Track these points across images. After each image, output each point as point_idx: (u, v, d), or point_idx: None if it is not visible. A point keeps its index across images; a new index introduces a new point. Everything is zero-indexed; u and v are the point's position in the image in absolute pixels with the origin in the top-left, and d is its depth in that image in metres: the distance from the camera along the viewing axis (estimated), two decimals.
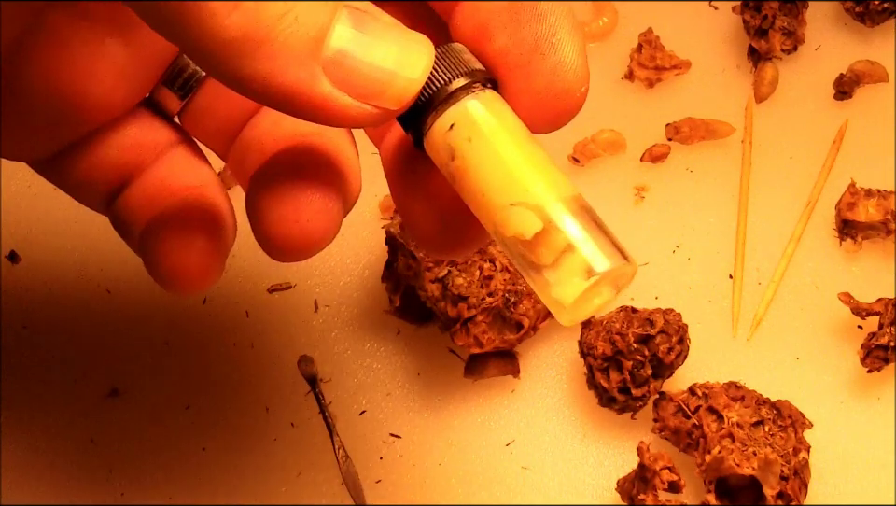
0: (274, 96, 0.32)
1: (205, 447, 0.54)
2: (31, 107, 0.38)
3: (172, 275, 0.39)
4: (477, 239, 0.38)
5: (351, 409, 0.54)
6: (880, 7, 0.59)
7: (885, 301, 0.53)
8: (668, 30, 0.60)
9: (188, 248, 0.39)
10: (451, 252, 0.39)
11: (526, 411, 0.54)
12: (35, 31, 0.37)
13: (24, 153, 0.40)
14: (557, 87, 0.34)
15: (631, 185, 0.58)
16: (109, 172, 0.40)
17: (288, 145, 0.40)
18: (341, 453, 0.53)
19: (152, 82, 0.40)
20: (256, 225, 0.38)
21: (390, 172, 0.40)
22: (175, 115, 0.41)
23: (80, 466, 0.54)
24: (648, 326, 0.51)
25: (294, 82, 0.32)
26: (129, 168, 0.40)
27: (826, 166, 0.58)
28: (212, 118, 0.41)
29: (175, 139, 0.41)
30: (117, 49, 0.38)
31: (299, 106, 0.33)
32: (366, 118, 0.34)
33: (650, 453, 0.49)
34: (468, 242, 0.38)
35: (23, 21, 0.37)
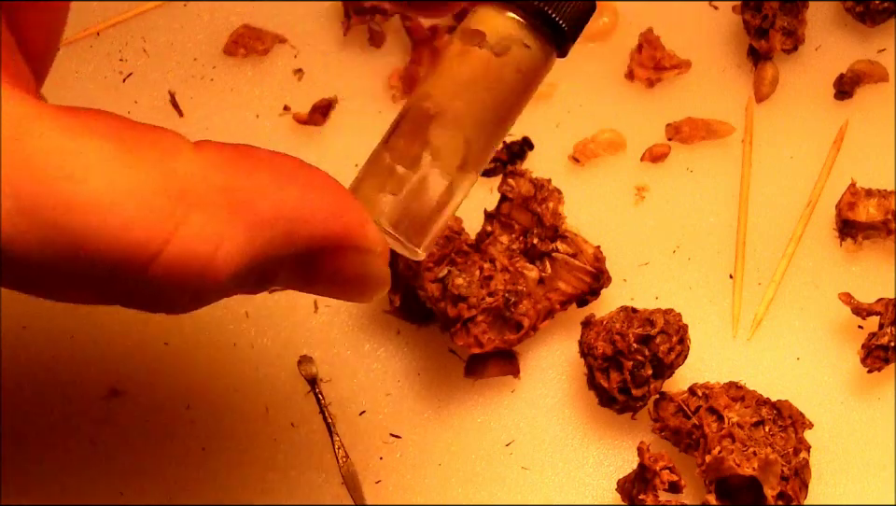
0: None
1: (205, 447, 0.54)
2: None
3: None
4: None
5: (351, 409, 0.54)
6: (880, 7, 0.59)
7: (885, 301, 0.53)
8: (668, 30, 0.60)
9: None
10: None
11: (526, 411, 0.54)
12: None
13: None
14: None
15: (631, 185, 0.58)
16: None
17: None
18: (341, 453, 0.53)
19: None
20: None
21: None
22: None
23: (80, 466, 0.54)
24: (648, 326, 0.51)
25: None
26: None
27: (826, 166, 0.58)
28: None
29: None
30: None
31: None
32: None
33: (650, 453, 0.49)
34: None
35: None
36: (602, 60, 0.60)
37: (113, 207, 0.31)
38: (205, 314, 0.56)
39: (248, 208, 0.34)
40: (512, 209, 0.53)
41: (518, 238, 0.53)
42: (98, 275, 0.32)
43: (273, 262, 0.35)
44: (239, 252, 0.34)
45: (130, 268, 0.32)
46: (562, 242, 0.53)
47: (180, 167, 0.33)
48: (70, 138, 0.32)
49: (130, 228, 0.32)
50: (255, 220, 0.34)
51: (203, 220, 0.33)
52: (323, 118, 0.59)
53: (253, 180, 0.34)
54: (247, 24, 0.61)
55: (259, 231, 0.34)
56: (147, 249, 0.32)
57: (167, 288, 0.33)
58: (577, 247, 0.53)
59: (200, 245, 0.33)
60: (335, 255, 0.36)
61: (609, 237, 0.56)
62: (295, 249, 0.35)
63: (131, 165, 0.32)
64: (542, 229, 0.53)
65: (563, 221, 0.53)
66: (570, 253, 0.53)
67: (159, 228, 0.32)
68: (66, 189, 0.31)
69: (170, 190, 0.32)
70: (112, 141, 0.32)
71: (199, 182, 0.33)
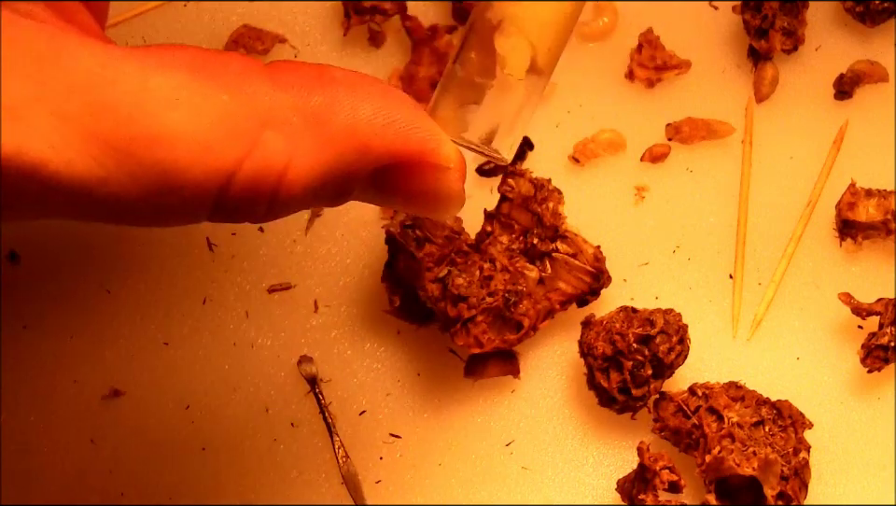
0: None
1: (205, 447, 0.54)
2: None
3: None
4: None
5: (351, 409, 0.54)
6: (880, 7, 0.59)
7: (885, 301, 0.53)
8: (668, 30, 0.60)
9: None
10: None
11: (526, 411, 0.54)
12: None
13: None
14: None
15: (631, 185, 0.58)
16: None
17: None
18: (341, 453, 0.53)
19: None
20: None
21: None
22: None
23: (80, 466, 0.54)
24: (648, 326, 0.51)
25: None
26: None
27: (826, 166, 0.58)
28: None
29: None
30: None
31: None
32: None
33: (650, 453, 0.49)
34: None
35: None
36: (602, 60, 0.60)
37: (191, 134, 0.33)
38: (205, 314, 0.56)
39: (320, 123, 0.35)
40: (512, 209, 0.53)
41: (518, 238, 0.53)
42: (185, 200, 0.34)
43: (348, 176, 0.36)
44: (311, 166, 0.35)
45: (212, 188, 0.34)
46: (562, 242, 0.53)
47: (254, 89, 0.34)
48: (145, 77, 0.33)
49: (208, 152, 0.33)
50: (327, 135, 0.35)
51: (275, 138, 0.34)
52: None
53: (327, 98, 0.35)
54: (247, 24, 0.61)
55: (332, 146, 0.35)
56: (224, 171, 0.34)
57: (245, 204, 0.35)
58: (577, 247, 0.53)
59: (272, 161, 0.34)
60: (410, 170, 0.37)
61: (608, 237, 0.56)
62: (369, 164, 0.36)
63: (204, 93, 0.33)
64: (542, 229, 0.53)
65: (563, 221, 0.53)
66: (570, 253, 0.53)
67: (235, 149, 0.34)
68: (146, 125, 0.33)
69: (244, 112, 0.34)
70: (183, 72, 0.33)
71: (271, 101, 0.35)
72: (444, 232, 0.52)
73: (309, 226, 0.58)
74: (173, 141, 0.33)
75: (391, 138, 0.36)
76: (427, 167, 0.38)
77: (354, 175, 0.37)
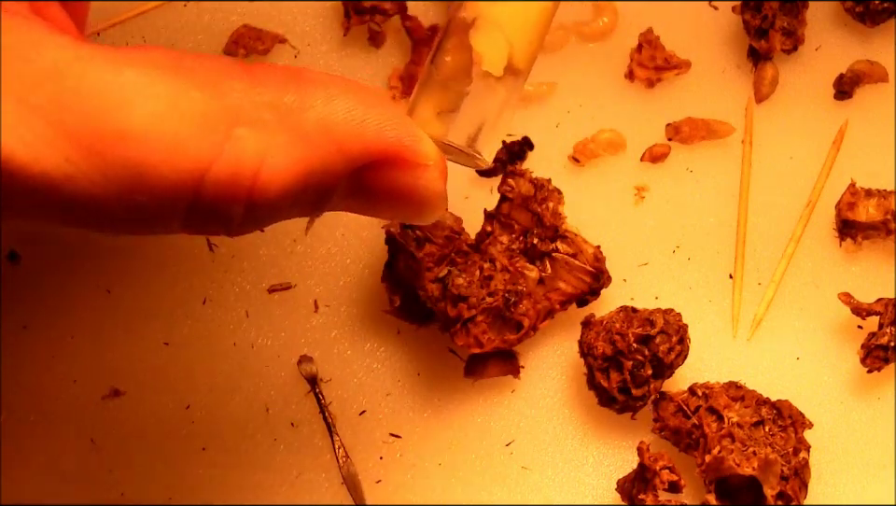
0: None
1: (205, 447, 0.54)
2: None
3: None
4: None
5: (351, 409, 0.54)
6: (880, 7, 0.59)
7: (885, 301, 0.53)
8: (668, 30, 0.60)
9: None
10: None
11: (526, 411, 0.54)
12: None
13: None
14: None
15: (631, 185, 0.58)
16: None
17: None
18: (341, 453, 0.53)
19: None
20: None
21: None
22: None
23: (80, 466, 0.54)
24: (648, 326, 0.51)
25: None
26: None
27: (826, 166, 0.58)
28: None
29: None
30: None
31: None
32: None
33: (650, 453, 0.50)
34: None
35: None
36: (602, 60, 0.60)
37: (160, 131, 0.32)
38: (205, 314, 0.56)
39: (294, 121, 0.34)
40: (512, 209, 0.53)
41: (518, 238, 0.53)
42: (155, 202, 0.33)
43: (326, 178, 0.35)
44: (286, 165, 0.34)
45: (182, 188, 0.33)
46: (562, 242, 0.53)
47: (227, 87, 0.34)
48: (115, 71, 0.32)
49: (179, 148, 0.32)
50: (301, 133, 0.34)
51: (248, 135, 0.33)
52: None
53: (300, 95, 0.35)
54: (247, 24, 0.61)
55: (306, 144, 0.35)
56: (195, 168, 0.33)
57: (219, 208, 0.34)
58: (577, 247, 0.53)
59: (246, 159, 0.33)
60: (389, 171, 0.36)
61: (609, 237, 0.56)
62: (346, 164, 0.36)
63: (174, 89, 0.33)
64: (542, 229, 0.53)
65: (563, 221, 0.53)
66: (570, 253, 0.53)
67: (206, 145, 0.33)
68: (114, 120, 0.32)
69: (216, 110, 0.33)
70: (158, 69, 0.33)
71: (245, 100, 0.34)
72: (444, 232, 0.52)
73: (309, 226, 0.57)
74: (141, 137, 0.32)
75: (367, 136, 0.36)
76: (406, 166, 0.37)
77: (331, 177, 0.36)
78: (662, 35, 0.60)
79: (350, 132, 0.35)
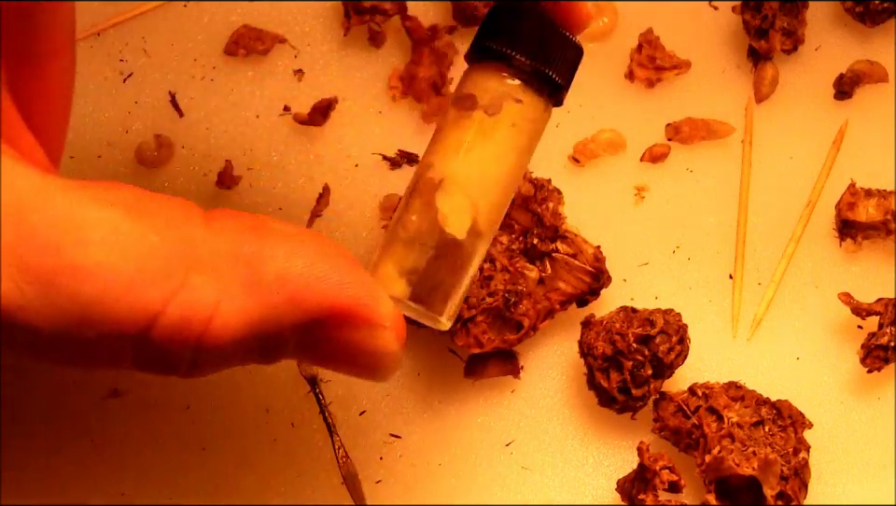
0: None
1: (205, 447, 0.54)
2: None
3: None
4: None
5: (351, 409, 0.54)
6: (880, 7, 0.59)
7: (885, 301, 0.53)
8: (668, 30, 0.60)
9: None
10: None
11: (526, 411, 0.54)
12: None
13: None
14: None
15: (631, 185, 0.58)
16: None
17: None
18: (341, 453, 0.53)
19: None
20: None
21: None
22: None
23: (80, 466, 0.54)
24: (648, 326, 0.51)
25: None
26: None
27: (826, 166, 0.58)
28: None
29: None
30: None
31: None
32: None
33: (650, 453, 0.50)
34: None
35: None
36: (602, 60, 0.60)
37: (116, 271, 0.32)
38: None
39: (251, 272, 0.34)
40: (512, 209, 0.53)
41: (518, 238, 0.53)
42: (104, 340, 0.33)
43: (278, 330, 0.35)
44: (239, 315, 0.34)
45: (133, 330, 0.33)
46: (562, 242, 0.53)
47: (186, 233, 0.34)
48: (76, 207, 0.32)
49: (131, 290, 0.32)
50: (256, 284, 0.34)
51: (203, 283, 0.33)
52: (323, 118, 0.59)
53: (259, 247, 0.35)
54: (247, 24, 0.61)
55: (261, 296, 0.34)
56: (147, 311, 0.33)
57: (168, 351, 0.34)
58: (577, 247, 0.53)
59: (198, 306, 0.33)
60: (344, 328, 0.36)
61: (609, 237, 0.56)
62: (299, 318, 0.35)
63: (136, 232, 0.33)
64: (542, 229, 0.53)
65: (563, 221, 0.53)
66: (570, 253, 0.53)
67: (159, 290, 0.33)
68: (71, 256, 0.32)
69: (173, 255, 0.33)
70: (120, 209, 0.33)
71: (203, 247, 0.34)
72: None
73: (309, 226, 0.58)
74: (95, 275, 0.32)
75: (323, 292, 0.35)
76: (362, 324, 0.36)
77: (284, 329, 0.35)
78: (662, 35, 0.60)
79: (307, 286, 0.35)
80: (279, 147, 0.59)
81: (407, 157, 0.59)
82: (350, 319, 0.36)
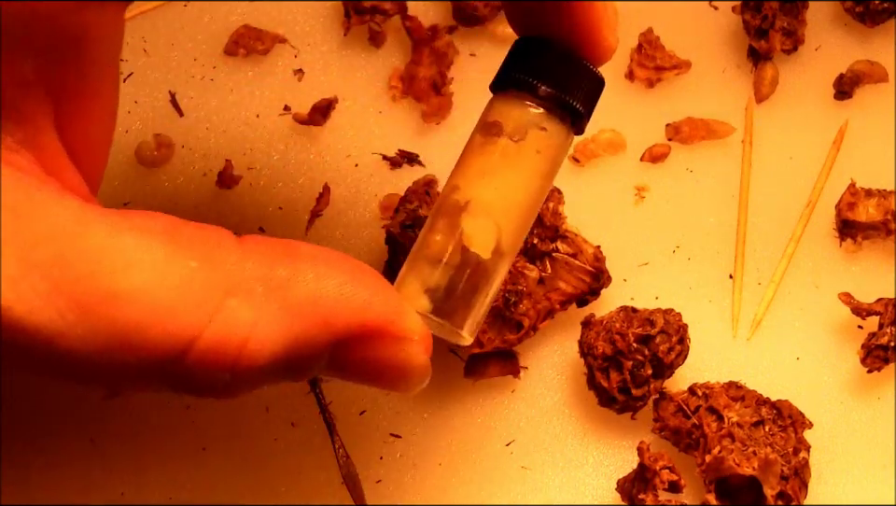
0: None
1: (205, 447, 0.54)
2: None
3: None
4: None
5: (351, 409, 0.54)
6: (880, 7, 0.59)
7: (885, 301, 0.53)
8: (668, 30, 0.60)
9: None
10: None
11: (526, 411, 0.54)
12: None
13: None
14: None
15: (631, 185, 0.58)
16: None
17: None
18: (341, 453, 0.53)
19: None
20: None
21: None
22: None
23: (80, 466, 0.54)
24: (648, 326, 0.51)
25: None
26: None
27: (826, 166, 0.58)
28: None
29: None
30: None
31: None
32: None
33: (650, 453, 0.50)
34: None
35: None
36: None
37: (154, 297, 0.33)
38: None
39: (284, 295, 0.35)
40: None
41: None
42: (143, 363, 0.34)
43: (311, 350, 0.36)
44: (273, 338, 0.35)
45: (170, 354, 0.34)
46: (562, 242, 0.53)
47: (221, 257, 0.35)
48: (115, 236, 0.33)
49: (169, 316, 0.33)
50: (290, 306, 0.35)
51: (238, 306, 0.34)
52: (323, 118, 0.59)
53: (291, 270, 0.36)
54: (247, 24, 0.61)
55: (294, 318, 0.35)
56: (184, 336, 0.34)
57: (205, 373, 0.35)
58: (577, 247, 0.53)
59: (234, 329, 0.34)
60: (373, 344, 0.37)
61: (609, 237, 0.56)
62: (332, 337, 0.36)
63: (173, 259, 0.34)
64: (542, 229, 0.53)
65: (563, 221, 0.53)
66: (570, 253, 0.53)
67: (196, 315, 0.34)
68: (109, 283, 0.33)
69: (209, 279, 0.34)
70: (157, 236, 0.34)
71: (238, 271, 0.35)
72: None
73: (309, 226, 0.58)
74: (134, 300, 0.33)
75: (353, 310, 0.36)
76: (390, 340, 0.37)
77: (316, 349, 0.36)
78: (662, 35, 0.60)
79: (338, 306, 0.36)
80: (279, 147, 0.59)
81: (407, 157, 0.59)
82: (379, 335, 0.37)
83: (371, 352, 0.37)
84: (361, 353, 0.37)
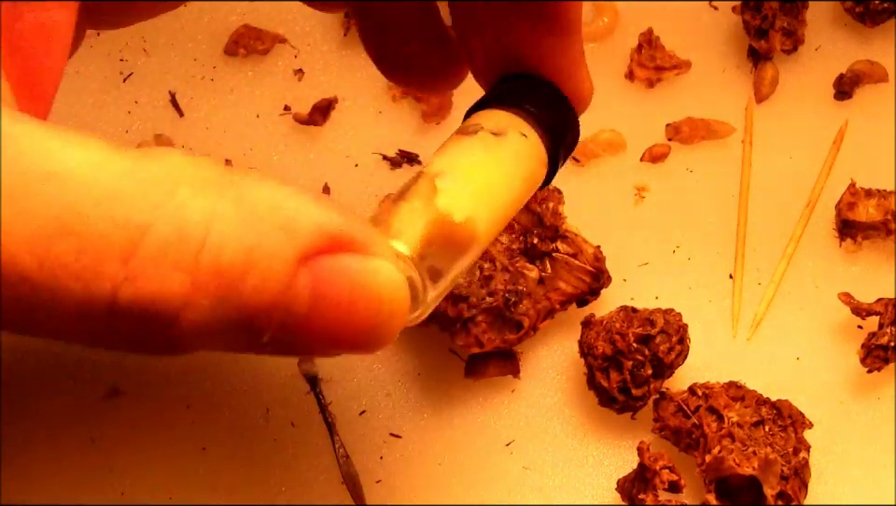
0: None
1: (205, 447, 0.54)
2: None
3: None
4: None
5: (351, 409, 0.54)
6: (880, 7, 0.59)
7: (885, 301, 0.53)
8: (668, 30, 0.60)
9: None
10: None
11: (526, 411, 0.54)
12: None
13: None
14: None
15: (631, 185, 0.58)
16: None
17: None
18: (341, 453, 0.53)
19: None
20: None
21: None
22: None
23: (80, 466, 0.54)
24: (648, 326, 0.51)
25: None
26: None
27: (826, 166, 0.58)
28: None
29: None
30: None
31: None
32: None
33: (650, 453, 0.50)
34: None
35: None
36: (602, 60, 0.60)
37: (94, 179, 0.29)
38: None
39: (239, 193, 0.31)
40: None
41: (518, 238, 0.53)
42: (84, 270, 0.29)
43: (273, 260, 0.31)
44: (232, 239, 0.31)
45: (122, 242, 0.29)
46: (562, 242, 0.53)
47: (167, 155, 0.31)
48: (50, 129, 0.30)
49: (113, 201, 0.29)
50: (246, 206, 0.31)
51: (192, 196, 0.30)
52: (323, 118, 0.59)
53: (246, 177, 0.32)
54: (247, 24, 0.61)
55: (253, 219, 0.31)
56: (134, 225, 0.29)
57: (160, 280, 0.30)
58: (577, 247, 0.53)
59: (190, 220, 0.30)
60: (343, 266, 0.33)
61: (609, 237, 0.56)
62: (295, 251, 0.32)
63: (114, 149, 0.30)
64: (542, 229, 0.53)
65: (563, 221, 0.53)
66: (570, 253, 0.53)
67: (145, 201, 0.30)
68: (44, 163, 0.29)
69: (156, 169, 0.30)
70: (96, 138, 0.30)
71: (188, 167, 0.31)
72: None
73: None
74: (70, 180, 0.29)
75: (317, 220, 0.32)
76: (359, 252, 0.33)
77: (280, 261, 0.31)
78: (662, 35, 0.60)
79: (299, 217, 0.32)
80: (279, 147, 0.59)
81: (407, 157, 0.59)
82: (347, 247, 0.33)
83: (338, 269, 0.32)
84: (329, 277, 0.32)
